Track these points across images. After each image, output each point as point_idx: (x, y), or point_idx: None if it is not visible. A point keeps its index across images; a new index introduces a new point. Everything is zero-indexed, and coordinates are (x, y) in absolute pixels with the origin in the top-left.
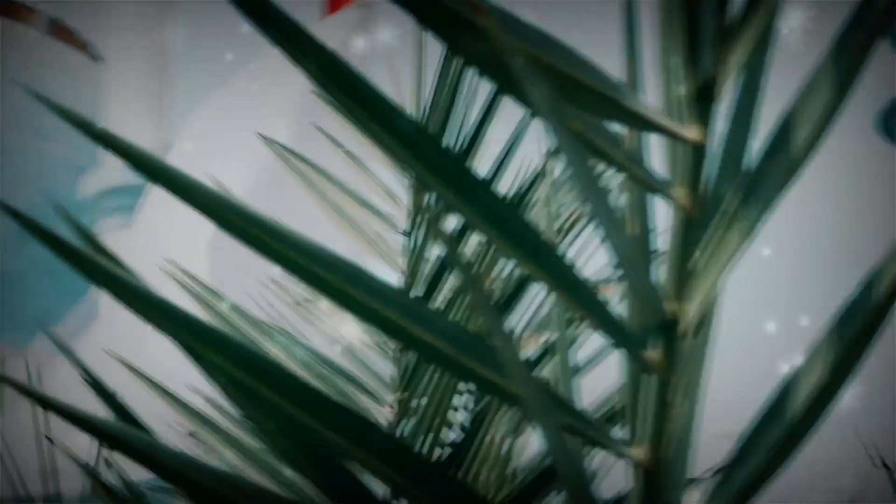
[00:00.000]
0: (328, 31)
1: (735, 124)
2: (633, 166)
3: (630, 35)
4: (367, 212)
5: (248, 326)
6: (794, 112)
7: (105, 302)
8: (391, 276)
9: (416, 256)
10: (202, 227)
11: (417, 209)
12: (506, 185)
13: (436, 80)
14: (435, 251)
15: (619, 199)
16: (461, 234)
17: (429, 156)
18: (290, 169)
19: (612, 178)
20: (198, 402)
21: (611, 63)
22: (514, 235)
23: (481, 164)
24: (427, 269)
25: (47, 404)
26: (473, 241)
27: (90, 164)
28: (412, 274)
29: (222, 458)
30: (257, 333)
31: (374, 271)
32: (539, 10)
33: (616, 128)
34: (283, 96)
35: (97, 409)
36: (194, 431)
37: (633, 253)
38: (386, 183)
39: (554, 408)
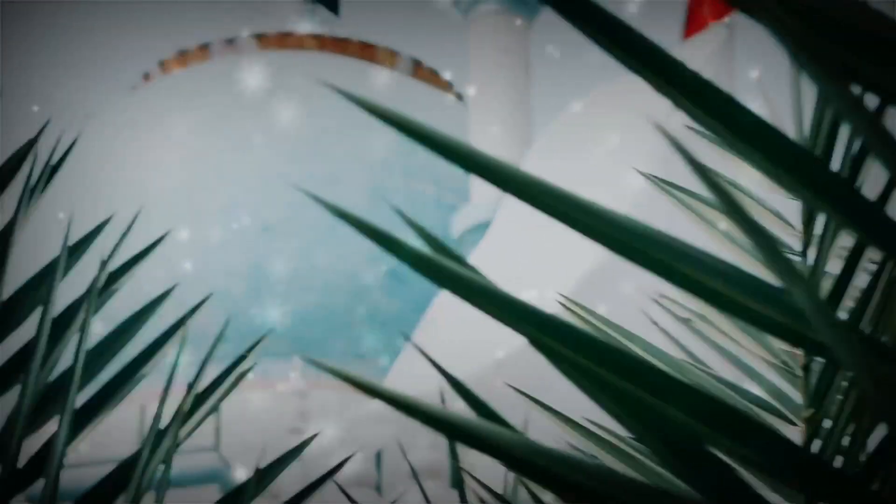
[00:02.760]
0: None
1: None
2: None
3: None
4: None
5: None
6: None
7: None
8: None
9: (813, 277)
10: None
11: (810, 228)
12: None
13: (817, 108)
14: (831, 269)
15: None
16: (857, 252)
17: (818, 181)
18: (667, 194)
19: None
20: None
21: None
22: None
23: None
24: (825, 287)
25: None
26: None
27: (460, 203)
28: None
29: None
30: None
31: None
32: None
33: None
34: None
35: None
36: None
37: None
38: (772, 205)
39: None
